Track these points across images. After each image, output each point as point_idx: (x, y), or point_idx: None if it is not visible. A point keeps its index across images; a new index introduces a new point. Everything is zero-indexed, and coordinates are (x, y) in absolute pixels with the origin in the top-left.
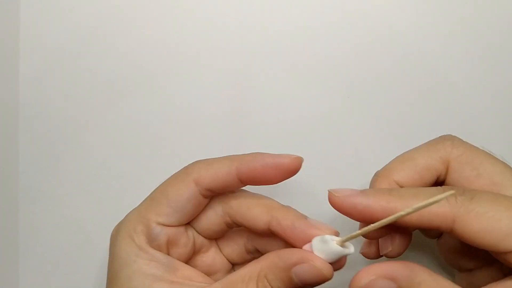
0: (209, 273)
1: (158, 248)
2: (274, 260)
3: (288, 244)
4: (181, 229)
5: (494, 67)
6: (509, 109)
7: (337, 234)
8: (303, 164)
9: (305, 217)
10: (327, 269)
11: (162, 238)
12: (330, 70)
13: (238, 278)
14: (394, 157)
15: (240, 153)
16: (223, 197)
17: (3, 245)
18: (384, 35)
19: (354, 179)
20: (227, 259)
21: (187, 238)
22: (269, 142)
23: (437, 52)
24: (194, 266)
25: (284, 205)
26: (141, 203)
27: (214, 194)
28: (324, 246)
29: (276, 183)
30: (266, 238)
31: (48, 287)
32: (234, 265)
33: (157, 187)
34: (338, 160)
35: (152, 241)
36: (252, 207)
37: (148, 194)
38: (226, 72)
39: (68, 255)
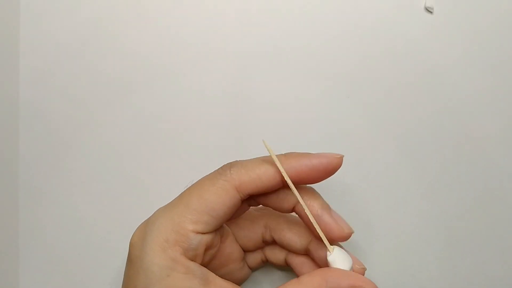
0: (226, 263)
1: (194, 258)
2: (321, 285)
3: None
4: (215, 232)
5: (494, 68)
6: (509, 109)
7: (350, 233)
8: None
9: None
10: None
11: (201, 247)
12: (329, 70)
13: None
14: (394, 156)
15: (240, 152)
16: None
17: (3, 245)
18: (383, 36)
19: (354, 179)
20: (241, 247)
21: (218, 238)
22: (268, 142)
23: (436, 52)
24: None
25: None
26: (171, 209)
27: (252, 197)
28: (343, 254)
29: (319, 182)
30: (285, 230)
31: (48, 287)
32: (246, 252)
33: (190, 192)
34: None
35: (188, 251)
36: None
37: (176, 197)
38: (226, 72)
39: (68, 255)
